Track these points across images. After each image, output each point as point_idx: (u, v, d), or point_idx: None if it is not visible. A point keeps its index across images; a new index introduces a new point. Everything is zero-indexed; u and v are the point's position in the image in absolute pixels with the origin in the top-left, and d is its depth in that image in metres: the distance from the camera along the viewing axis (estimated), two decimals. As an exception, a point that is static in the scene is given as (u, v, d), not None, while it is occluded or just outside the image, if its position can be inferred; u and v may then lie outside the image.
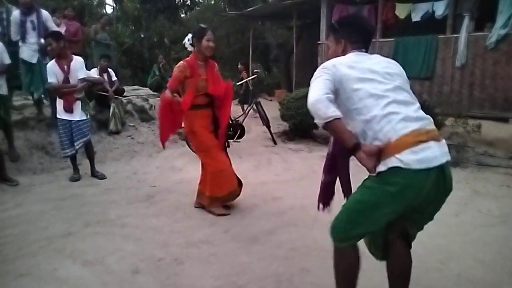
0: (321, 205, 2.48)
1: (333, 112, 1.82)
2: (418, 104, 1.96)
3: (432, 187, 1.83)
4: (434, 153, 1.80)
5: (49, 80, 4.78)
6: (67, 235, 3.35)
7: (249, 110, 7.25)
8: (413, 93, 2.01)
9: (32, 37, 5.51)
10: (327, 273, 2.74)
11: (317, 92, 1.88)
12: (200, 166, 3.97)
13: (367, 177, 1.99)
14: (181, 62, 3.64)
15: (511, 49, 6.50)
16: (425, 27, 7.25)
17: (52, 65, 4.76)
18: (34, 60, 5.54)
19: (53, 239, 3.27)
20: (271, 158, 6.28)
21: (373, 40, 2.43)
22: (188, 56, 3.77)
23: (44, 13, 5.67)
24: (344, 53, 2.15)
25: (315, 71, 2.01)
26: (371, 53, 2.13)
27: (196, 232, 3.44)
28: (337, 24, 2.24)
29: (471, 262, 2.91)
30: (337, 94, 1.94)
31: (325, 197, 2.46)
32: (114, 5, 19.33)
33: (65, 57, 4.80)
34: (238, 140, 6.77)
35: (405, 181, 1.79)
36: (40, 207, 4.00)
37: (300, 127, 7.47)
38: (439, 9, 7.27)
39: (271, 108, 8.75)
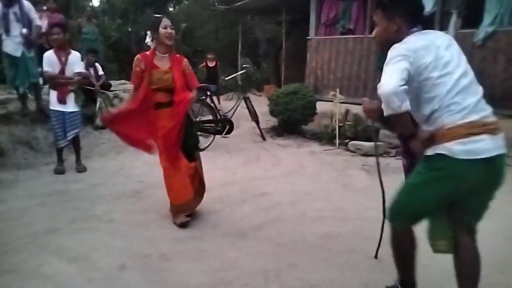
0: None
1: (406, 106, 1.89)
2: (480, 90, 1.99)
3: (480, 178, 1.93)
4: (485, 145, 1.88)
5: (45, 69, 4.85)
6: (52, 231, 3.30)
7: (238, 105, 7.22)
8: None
9: (15, 30, 5.40)
10: (315, 268, 2.77)
11: (395, 81, 1.88)
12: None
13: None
14: (136, 57, 3.43)
15: (498, 46, 6.58)
16: (413, 23, 7.30)
17: (50, 55, 4.84)
18: (18, 54, 5.43)
19: (38, 236, 3.22)
20: (260, 153, 6.27)
21: (362, 36, 2.40)
22: None
23: (26, 3, 5.55)
24: (398, 32, 2.07)
25: (304, 66, 2.01)
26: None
27: (184, 228, 3.42)
28: (387, 1, 2.11)
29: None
30: (410, 80, 1.93)
31: None
32: (101, -2, 19.06)
33: (65, 50, 4.89)
34: (227, 135, 6.75)
35: (449, 167, 1.93)
36: (25, 203, 3.92)
37: (289, 123, 7.48)
38: (428, 6, 7.27)
39: (260, 103, 8.72)
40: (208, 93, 6.78)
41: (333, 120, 7.02)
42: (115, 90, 7.48)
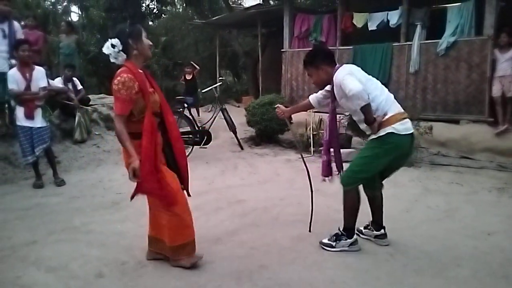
0: (323, 177, 3.46)
1: (368, 99, 2.86)
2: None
3: (408, 146, 3.07)
4: (409, 125, 3.04)
5: (10, 87, 4.91)
6: (31, 243, 3.38)
7: (215, 117, 7.39)
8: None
9: (2, 45, 5.49)
10: (285, 269, 2.94)
11: (358, 84, 2.83)
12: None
13: (367, 142, 3.17)
14: (123, 75, 2.58)
15: (460, 55, 6.94)
16: (381, 35, 7.62)
17: (14, 73, 4.90)
18: (6, 69, 5.46)
19: (16, 248, 3.29)
20: (238, 162, 6.43)
21: (334, 48, 3.98)
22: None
23: (16, 24, 5.74)
24: (327, 74, 3.11)
25: (281, 78, 2.62)
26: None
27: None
28: (310, 58, 3.20)
29: (417, 254, 3.15)
30: None
31: (326, 172, 3.42)
32: (80, 13, 19.07)
33: (28, 66, 4.96)
34: (205, 146, 6.89)
35: (396, 141, 2.96)
36: (3, 217, 3.99)
37: (266, 133, 7.68)
38: (393, 19, 7.65)
39: (239, 114, 8.91)
40: (186, 105, 6.93)
41: (308, 129, 7.25)
42: (94, 105, 7.57)
